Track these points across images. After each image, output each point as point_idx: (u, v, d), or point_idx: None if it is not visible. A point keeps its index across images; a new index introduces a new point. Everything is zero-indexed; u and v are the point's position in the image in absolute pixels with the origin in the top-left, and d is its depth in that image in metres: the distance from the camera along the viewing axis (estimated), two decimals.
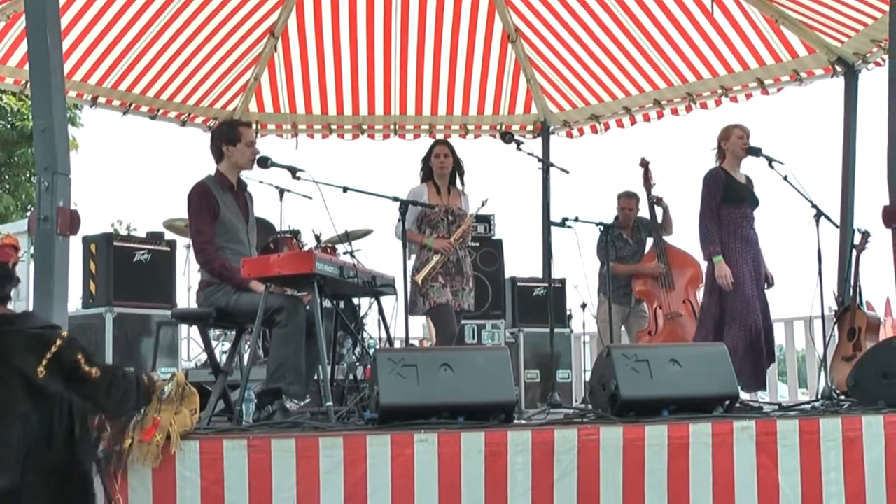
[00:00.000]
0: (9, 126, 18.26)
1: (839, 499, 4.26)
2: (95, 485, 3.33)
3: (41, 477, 3.01)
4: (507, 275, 8.45)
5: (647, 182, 7.55)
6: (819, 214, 6.14)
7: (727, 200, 6.30)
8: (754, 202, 6.44)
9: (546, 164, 6.16)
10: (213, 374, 5.34)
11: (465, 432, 3.94)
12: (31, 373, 3.01)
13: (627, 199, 7.82)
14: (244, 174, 5.53)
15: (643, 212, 7.78)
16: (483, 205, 6.76)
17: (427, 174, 6.48)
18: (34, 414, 3.03)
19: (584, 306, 8.24)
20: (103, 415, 3.31)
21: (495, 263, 8.29)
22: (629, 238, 7.75)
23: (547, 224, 6.17)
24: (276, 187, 7.12)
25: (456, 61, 9.02)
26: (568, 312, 8.52)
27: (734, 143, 6.38)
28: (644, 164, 7.55)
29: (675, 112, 8.89)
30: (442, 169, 6.42)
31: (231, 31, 8.36)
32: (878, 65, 7.44)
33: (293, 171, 5.27)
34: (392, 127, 9.54)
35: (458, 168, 6.50)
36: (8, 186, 18.60)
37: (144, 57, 8.17)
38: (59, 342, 3.08)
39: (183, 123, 9.04)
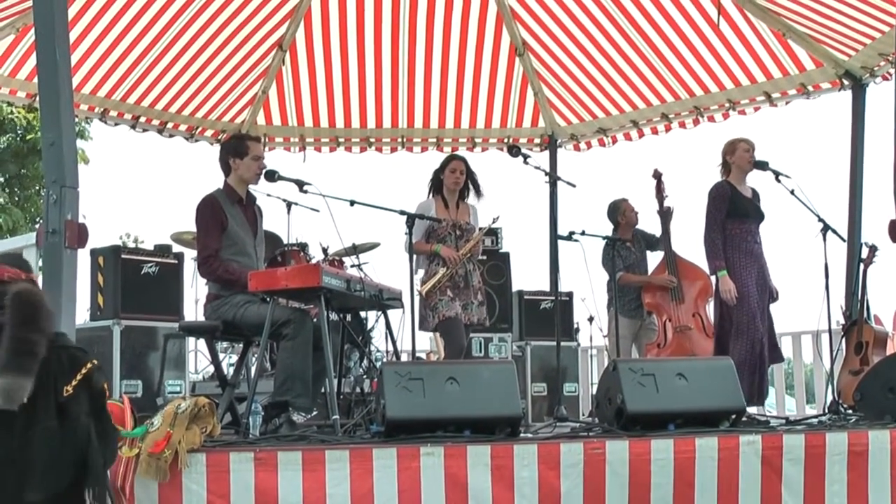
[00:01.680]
0: (19, 139, 18.32)
1: None
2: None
3: (52, 495, 3.01)
4: (515, 288, 8.43)
5: (660, 194, 7.47)
6: (826, 228, 6.15)
7: (732, 215, 6.28)
8: (759, 217, 6.43)
9: (553, 178, 6.16)
10: (220, 387, 5.36)
11: (471, 445, 3.95)
12: (60, 389, 3.02)
13: (629, 203, 7.74)
14: (252, 188, 5.56)
15: (641, 224, 7.74)
16: (494, 221, 6.74)
17: (437, 187, 6.47)
18: (58, 431, 3.03)
19: (591, 319, 8.21)
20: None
21: (502, 276, 8.28)
22: (632, 246, 7.69)
23: (554, 237, 6.16)
24: (284, 200, 7.16)
25: (463, 74, 9.04)
26: (575, 326, 8.50)
27: (740, 156, 6.37)
28: (657, 175, 7.45)
29: (682, 125, 8.89)
30: (455, 184, 6.40)
31: (239, 44, 8.40)
32: (885, 78, 7.44)
33: (300, 184, 5.31)
34: (399, 140, 9.56)
35: (470, 184, 6.48)
36: (17, 199, 18.65)
37: (153, 70, 8.21)
38: (89, 365, 3.08)
39: (191, 136, 9.08)
